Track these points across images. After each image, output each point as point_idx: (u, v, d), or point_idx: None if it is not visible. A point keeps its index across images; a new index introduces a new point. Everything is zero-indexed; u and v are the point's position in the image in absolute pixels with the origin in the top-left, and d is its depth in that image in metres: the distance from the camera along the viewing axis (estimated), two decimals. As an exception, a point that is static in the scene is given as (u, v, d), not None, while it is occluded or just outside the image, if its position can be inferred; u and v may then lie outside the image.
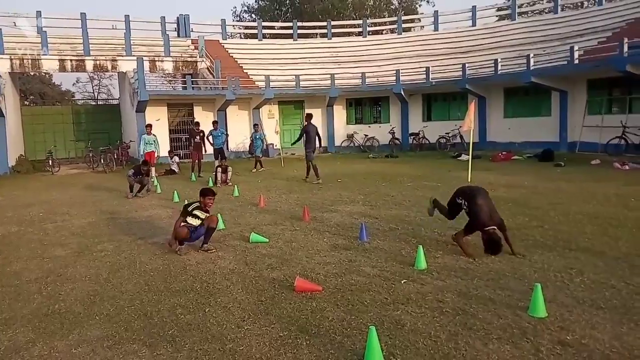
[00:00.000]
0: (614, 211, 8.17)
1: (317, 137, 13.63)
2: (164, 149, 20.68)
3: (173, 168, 17.86)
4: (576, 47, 18.87)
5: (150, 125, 15.96)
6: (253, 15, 44.71)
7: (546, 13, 30.71)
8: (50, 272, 6.01)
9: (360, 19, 33.76)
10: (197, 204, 6.89)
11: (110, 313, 4.63)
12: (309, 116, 13.91)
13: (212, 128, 16.90)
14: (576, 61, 18.68)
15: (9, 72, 21.78)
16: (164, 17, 27.44)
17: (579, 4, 29.81)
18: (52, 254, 6.90)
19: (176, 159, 18.83)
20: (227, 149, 22.60)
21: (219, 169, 13.82)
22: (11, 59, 21.82)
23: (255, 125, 20.25)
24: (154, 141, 15.39)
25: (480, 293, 4.73)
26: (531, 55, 19.77)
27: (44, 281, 5.68)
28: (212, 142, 16.64)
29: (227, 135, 18.09)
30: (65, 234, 8.18)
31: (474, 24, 29.32)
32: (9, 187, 15.13)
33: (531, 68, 19.45)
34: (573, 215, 7.95)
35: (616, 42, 17.51)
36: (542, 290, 4.24)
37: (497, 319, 4.13)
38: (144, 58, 22.29)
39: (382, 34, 32.55)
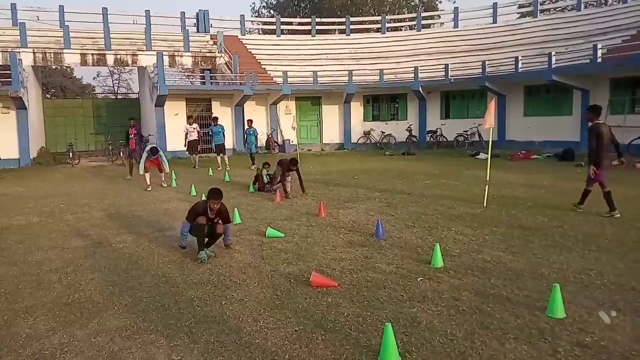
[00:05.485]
0: (635, 213, 8.04)
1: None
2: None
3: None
4: (599, 46, 18.49)
5: (250, 120, 17.88)
6: (272, 11, 44.78)
7: (569, 10, 30.11)
8: (70, 262, 6.12)
9: (379, 15, 33.58)
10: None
11: (129, 304, 4.70)
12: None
13: (212, 124, 17.27)
14: (599, 60, 18.30)
15: (32, 66, 22.17)
16: (184, 12, 27.76)
17: (603, 1, 29.19)
18: (72, 245, 7.02)
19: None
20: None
21: (288, 178, 10.42)
22: (34, 53, 22.20)
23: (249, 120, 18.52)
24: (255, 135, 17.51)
25: (497, 292, 4.69)
26: (553, 53, 19.45)
27: (64, 271, 5.78)
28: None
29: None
30: (85, 225, 8.31)
31: (494, 21, 28.97)
32: (30, 179, 15.41)
33: (553, 66, 19.13)
34: (593, 216, 7.85)
35: (641, 41, 17.14)
36: (560, 291, 4.19)
37: (514, 319, 4.09)
38: (164, 53, 22.52)
39: (401, 30, 32.33)
